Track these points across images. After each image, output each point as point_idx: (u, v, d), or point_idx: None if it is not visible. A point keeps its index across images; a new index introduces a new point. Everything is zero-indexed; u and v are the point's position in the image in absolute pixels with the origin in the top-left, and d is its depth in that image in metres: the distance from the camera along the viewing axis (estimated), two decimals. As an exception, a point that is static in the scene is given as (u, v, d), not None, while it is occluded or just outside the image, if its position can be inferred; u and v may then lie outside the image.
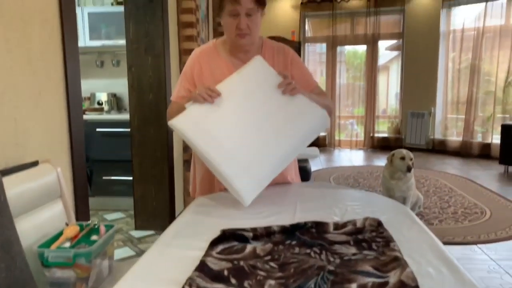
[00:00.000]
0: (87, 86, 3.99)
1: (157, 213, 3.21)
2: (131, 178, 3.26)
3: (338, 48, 7.06)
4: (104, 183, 3.71)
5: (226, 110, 1.48)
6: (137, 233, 3.16)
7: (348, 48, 7.32)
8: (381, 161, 5.93)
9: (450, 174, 4.98)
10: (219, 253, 1.02)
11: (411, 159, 3.20)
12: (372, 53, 6.88)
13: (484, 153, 6.03)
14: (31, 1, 1.64)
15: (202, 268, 0.92)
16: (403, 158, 3.21)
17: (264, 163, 1.45)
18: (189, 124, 1.44)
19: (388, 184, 3.35)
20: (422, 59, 6.63)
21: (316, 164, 5.63)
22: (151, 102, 3.12)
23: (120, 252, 2.83)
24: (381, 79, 7.17)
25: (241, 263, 0.96)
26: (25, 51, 1.61)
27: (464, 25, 6.25)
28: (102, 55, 4.13)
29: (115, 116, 3.75)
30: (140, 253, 2.78)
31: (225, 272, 0.91)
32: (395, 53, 7.17)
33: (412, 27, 6.66)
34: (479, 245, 2.86)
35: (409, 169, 3.17)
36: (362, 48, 7.14)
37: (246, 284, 0.87)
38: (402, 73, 6.79)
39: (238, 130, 1.46)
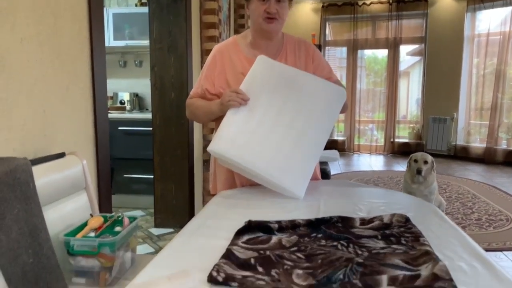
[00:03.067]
0: (110, 85, 4.02)
1: (176, 211, 3.23)
2: (151, 176, 3.29)
3: (359, 53, 7.00)
4: (125, 181, 3.75)
5: (253, 116, 1.49)
6: (156, 231, 3.18)
7: (369, 53, 7.26)
8: (401, 166, 5.84)
9: (473, 181, 4.86)
10: (244, 242, 1.02)
11: (425, 162, 3.13)
12: (394, 57, 6.80)
13: (508, 160, 5.87)
14: (61, -4, 1.68)
15: (229, 256, 0.92)
16: (416, 161, 3.16)
17: (301, 153, 1.48)
18: (227, 145, 1.44)
19: (409, 188, 3.28)
20: (445, 63, 6.52)
21: (335, 168, 5.58)
22: (172, 101, 3.15)
23: (140, 249, 2.86)
24: (402, 85, 7.07)
25: (267, 252, 0.95)
26: (55, 45, 1.65)
27: (489, 29, 6.12)
28: (125, 55, 4.20)
29: (137, 115, 3.79)
30: (159, 250, 2.79)
31: (252, 261, 0.90)
32: (416, 58, 7.08)
33: (435, 31, 6.56)
34: (505, 252, 2.78)
35: (418, 172, 3.11)
36: (382, 54, 7.07)
37: (273, 272, 0.86)
38: (424, 77, 6.68)
39: (270, 132, 1.49)
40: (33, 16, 1.52)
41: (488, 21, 6.16)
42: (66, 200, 1.58)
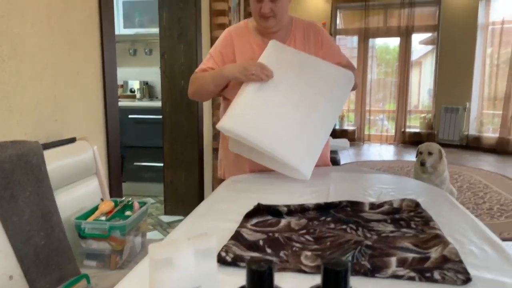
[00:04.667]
0: (120, 74, 4.02)
1: (186, 199, 3.25)
2: (161, 164, 3.31)
3: (370, 42, 6.91)
4: (136, 169, 3.78)
5: (262, 96, 1.49)
6: (166, 218, 3.20)
7: (380, 43, 7.16)
8: (412, 156, 5.79)
9: (485, 171, 4.81)
10: (253, 225, 1.02)
11: (429, 153, 3.09)
12: (406, 46, 6.70)
13: (522, 150, 5.79)
14: (71, -19, 1.68)
15: (237, 237, 0.92)
16: (421, 153, 3.14)
17: (308, 133, 1.47)
18: (235, 121, 1.44)
19: (420, 178, 3.25)
20: (458, 52, 6.40)
21: (345, 158, 5.55)
22: (182, 89, 3.15)
23: (150, 235, 2.88)
24: (414, 75, 6.98)
25: (276, 235, 0.95)
26: (65, 31, 1.65)
27: (504, 17, 5.99)
28: (135, 43, 4.20)
29: (147, 103, 3.81)
30: (169, 237, 2.82)
31: (261, 242, 0.90)
32: (428, 47, 6.97)
33: (448, 19, 6.44)
34: (517, 242, 2.75)
35: (422, 164, 3.08)
36: (394, 43, 6.96)
37: (281, 253, 0.86)
38: (437, 66, 6.58)
39: (278, 111, 1.49)
40: (43, 1, 1.52)
41: (502, 9, 6.03)
42: (77, 185, 1.59)
